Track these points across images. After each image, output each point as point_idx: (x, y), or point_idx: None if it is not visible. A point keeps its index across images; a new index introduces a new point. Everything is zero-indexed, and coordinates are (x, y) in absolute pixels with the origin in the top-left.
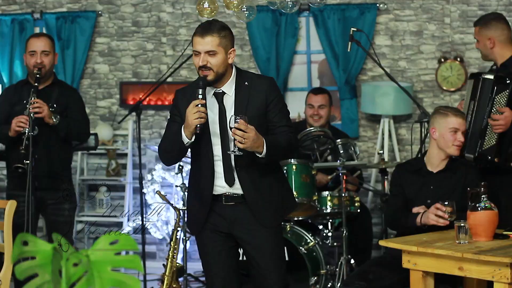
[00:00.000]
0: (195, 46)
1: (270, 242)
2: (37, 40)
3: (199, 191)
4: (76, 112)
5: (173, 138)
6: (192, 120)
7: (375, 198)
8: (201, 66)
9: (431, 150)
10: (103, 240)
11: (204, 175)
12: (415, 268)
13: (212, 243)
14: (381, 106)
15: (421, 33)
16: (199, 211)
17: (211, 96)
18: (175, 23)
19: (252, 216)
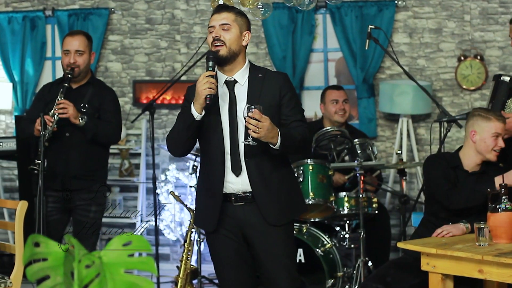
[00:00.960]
0: (211, 22)
1: (279, 242)
2: (72, 39)
3: (210, 186)
4: (108, 113)
5: (182, 121)
6: (202, 90)
7: (393, 199)
8: (214, 39)
9: (467, 151)
10: (116, 242)
11: (214, 166)
12: (434, 270)
13: (224, 247)
14: (399, 105)
15: (441, 31)
16: (212, 207)
17: (222, 84)
18: (189, 20)
19: (260, 216)
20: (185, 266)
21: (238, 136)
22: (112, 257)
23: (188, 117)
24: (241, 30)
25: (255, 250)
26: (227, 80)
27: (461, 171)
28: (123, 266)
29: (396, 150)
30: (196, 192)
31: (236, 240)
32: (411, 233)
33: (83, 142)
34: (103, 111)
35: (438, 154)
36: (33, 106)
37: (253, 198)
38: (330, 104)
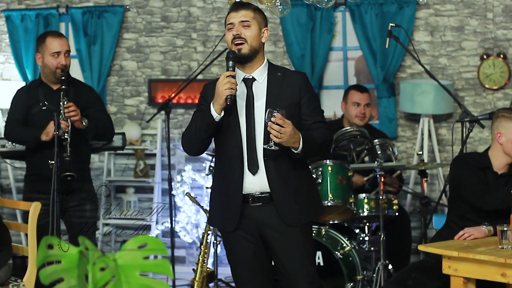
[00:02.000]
0: (229, 20)
1: (297, 243)
2: (60, 40)
3: (227, 186)
4: (98, 111)
5: (199, 120)
6: (223, 91)
7: (414, 201)
8: (235, 37)
9: (495, 152)
10: (131, 243)
11: (232, 165)
12: (456, 274)
13: (242, 249)
14: (420, 105)
15: (463, 29)
16: (230, 207)
17: (240, 81)
18: (205, 18)
19: (278, 216)
20: (202, 269)
21: (255, 135)
22: (127, 260)
23: (207, 117)
24: (260, 26)
25: (273, 252)
26: (245, 78)
27: (491, 173)
28: (138, 269)
29: (417, 151)
30: (211, 192)
31: (254, 242)
32: (432, 235)
33: (73, 143)
34: (91, 110)
35: (467, 154)
36: (14, 111)
37: (271, 198)
38: (351, 105)
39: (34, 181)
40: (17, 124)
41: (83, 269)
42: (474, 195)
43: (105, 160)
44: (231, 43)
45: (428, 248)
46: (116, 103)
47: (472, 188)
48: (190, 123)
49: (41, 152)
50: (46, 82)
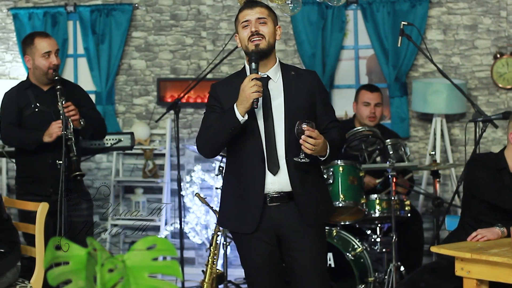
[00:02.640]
0: (244, 17)
1: (313, 243)
2: (49, 40)
3: (246, 187)
4: (90, 110)
5: (221, 122)
6: (250, 94)
7: (426, 201)
8: (252, 34)
9: (510, 153)
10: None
11: (253, 165)
12: (469, 276)
13: (258, 251)
14: (433, 105)
15: (476, 27)
16: (250, 208)
17: None
18: (215, 16)
19: (297, 216)
20: (211, 270)
21: (275, 134)
22: (136, 261)
23: (231, 120)
24: (274, 24)
25: (287, 251)
26: (262, 77)
27: (507, 174)
28: (147, 270)
29: (429, 151)
30: (223, 193)
31: (270, 243)
32: (444, 237)
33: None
34: (83, 109)
35: (483, 154)
36: (7, 114)
37: (288, 198)
38: (361, 105)
39: (27, 183)
40: (12, 127)
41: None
42: (492, 193)
43: (114, 160)
44: (247, 40)
45: (441, 250)
46: (125, 103)
47: (490, 186)
48: (204, 124)
49: (36, 154)
50: (36, 84)
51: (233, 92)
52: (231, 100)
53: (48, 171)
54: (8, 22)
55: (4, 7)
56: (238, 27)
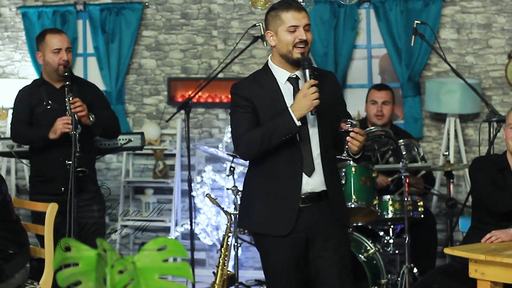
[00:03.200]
0: (292, 21)
1: (343, 245)
2: (59, 36)
3: (279, 188)
4: (103, 108)
5: (274, 126)
6: (312, 101)
7: (439, 202)
8: (301, 41)
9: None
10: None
11: (288, 165)
12: (483, 278)
13: (287, 255)
14: (446, 104)
15: (490, 26)
16: (284, 210)
17: (285, 81)
18: (226, 15)
19: (328, 216)
20: (222, 272)
21: (309, 135)
22: (146, 262)
23: (288, 125)
24: None
25: (317, 252)
26: (290, 77)
27: (509, 174)
28: (157, 272)
29: (443, 152)
30: (250, 195)
31: (299, 247)
32: (458, 238)
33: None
34: (96, 107)
35: (485, 156)
36: (19, 111)
37: (319, 198)
38: (370, 104)
39: (39, 182)
40: (22, 125)
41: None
42: (485, 197)
43: (124, 160)
44: (292, 46)
45: (455, 251)
46: (135, 102)
47: (484, 190)
48: (241, 125)
49: (47, 152)
50: (48, 81)
51: (263, 91)
52: (262, 100)
53: (59, 169)
54: (17, 21)
55: (13, 6)
56: (280, 27)
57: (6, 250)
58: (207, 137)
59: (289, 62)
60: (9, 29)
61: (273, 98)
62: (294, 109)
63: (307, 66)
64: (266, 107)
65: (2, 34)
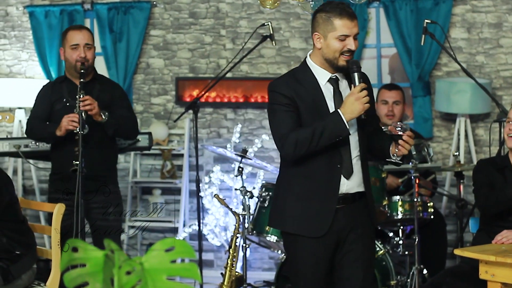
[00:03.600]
0: (344, 30)
1: (373, 247)
2: (79, 32)
3: (317, 189)
4: (122, 108)
5: (326, 127)
6: (364, 105)
7: (449, 203)
8: (350, 51)
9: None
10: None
11: (327, 166)
12: (493, 279)
13: (312, 255)
14: (457, 104)
15: (501, 25)
16: (321, 211)
17: (325, 82)
18: (235, 14)
19: (361, 217)
20: (230, 273)
21: (348, 138)
22: (154, 263)
23: (340, 128)
24: None
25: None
26: (331, 78)
27: (510, 172)
28: (165, 273)
29: (453, 152)
30: (285, 194)
31: (332, 247)
32: (468, 239)
33: (98, 141)
34: (115, 107)
35: (487, 158)
36: (37, 107)
37: (353, 199)
38: (380, 104)
39: (57, 180)
40: (37, 121)
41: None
42: (476, 199)
43: (131, 160)
44: (339, 53)
45: (465, 253)
46: (143, 102)
47: (476, 192)
48: (285, 125)
49: (63, 150)
50: (70, 78)
51: (304, 90)
52: (304, 99)
53: None
54: (24, 20)
55: (20, 5)
56: (330, 33)
57: (13, 251)
58: (215, 137)
59: (332, 67)
60: (16, 29)
61: (315, 98)
62: (344, 112)
63: (356, 70)
64: (308, 106)
65: (9, 34)
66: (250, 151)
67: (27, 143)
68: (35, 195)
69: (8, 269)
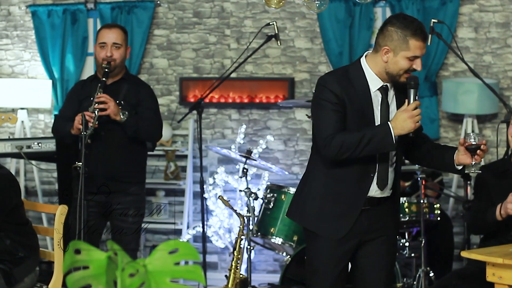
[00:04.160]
0: (417, 52)
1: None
2: (109, 31)
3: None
4: (147, 110)
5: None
6: (416, 124)
7: (456, 205)
8: (414, 70)
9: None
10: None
11: (360, 173)
12: (501, 282)
13: (330, 255)
14: (464, 105)
15: (509, 25)
16: (345, 213)
17: (376, 89)
18: (239, 13)
19: (385, 219)
20: (234, 275)
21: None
22: (157, 265)
23: (387, 143)
24: None
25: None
26: (383, 86)
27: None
28: (169, 275)
29: None
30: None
31: (351, 250)
32: (475, 241)
33: (120, 141)
34: (141, 108)
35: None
36: (66, 104)
37: (379, 202)
38: None
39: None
40: (60, 119)
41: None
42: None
43: None
44: (404, 71)
45: (472, 255)
46: None
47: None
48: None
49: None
50: (99, 77)
51: (354, 92)
52: (353, 101)
53: (97, 167)
54: (26, 20)
55: (23, 4)
56: (403, 51)
57: (16, 253)
58: (220, 138)
59: (390, 80)
60: (18, 28)
61: (363, 103)
62: (395, 127)
63: (413, 86)
64: (355, 110)
65: (12, 33)
66: (255, 152)
67: (29, 144)
68: (38, 196)
69: (11, 272)
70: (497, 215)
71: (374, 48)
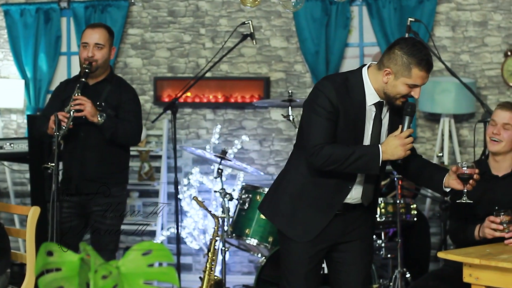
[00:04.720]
0: (418, 81)
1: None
2: (92, 31)
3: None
4: (127, 113)
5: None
6: (406, 152)
7: (433, 205)
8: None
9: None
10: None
11: (339, 186)
12: (477, 282)
13: (300, 254)
14: (441, 104)
15: (486, 24)
16: (319, 218)
17: (371, 103)
18: (214, 12)
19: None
20: (209, 277)
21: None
22: (130, 267)
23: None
24: None
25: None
26: (379, 102)
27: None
28: (142, 277)
29: (437, 153)
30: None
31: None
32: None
33: (99, 142)
34: (122, 110)
35: None
36: (48, 104)
37: (354, 207)
38: None
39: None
40: (42, 118)
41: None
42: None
43: None
44: (401, 96)
45: (448, 255)
46: None
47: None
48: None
49: (65, 150)
50: None
51: (350, 103)
52: (347, 113)
53: (75, 168)
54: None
55: None
56: (404, 78)
57: None
58: (194, 138)
59: (386, 100)
60: None
61: (357, 116)
62: (385, 151)
63: (409, 113)
64: (347, 122)
65: None
66: (230, 153)
67: (1, 145)
68: (10, 197)
69: None
70: (476, 235)
71: (378, 65)
